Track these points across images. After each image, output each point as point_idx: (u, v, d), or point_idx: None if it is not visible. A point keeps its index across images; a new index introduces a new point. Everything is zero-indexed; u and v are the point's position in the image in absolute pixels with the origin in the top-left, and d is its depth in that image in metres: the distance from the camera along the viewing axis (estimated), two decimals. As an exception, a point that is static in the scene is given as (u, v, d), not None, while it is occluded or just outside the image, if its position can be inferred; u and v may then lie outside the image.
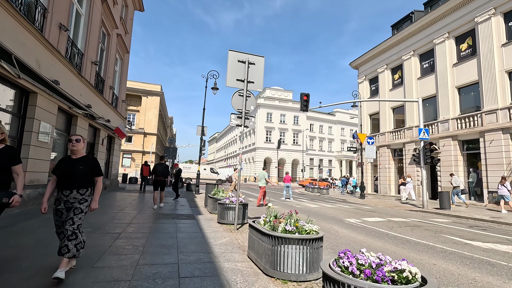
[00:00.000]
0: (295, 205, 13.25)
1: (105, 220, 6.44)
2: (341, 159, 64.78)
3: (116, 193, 13.22)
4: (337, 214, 10.47)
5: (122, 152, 42.19)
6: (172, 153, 19.75)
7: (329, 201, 16.87)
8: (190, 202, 11.43)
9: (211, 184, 10.15)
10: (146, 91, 45.18)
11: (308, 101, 17.25)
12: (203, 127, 16.23)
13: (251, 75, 6.47)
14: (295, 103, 58.36)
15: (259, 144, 54.38)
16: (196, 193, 15.59)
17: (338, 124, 66.53)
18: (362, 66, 24.97)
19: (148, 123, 44.86)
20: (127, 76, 18.35)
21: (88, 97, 11.25)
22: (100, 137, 13.48)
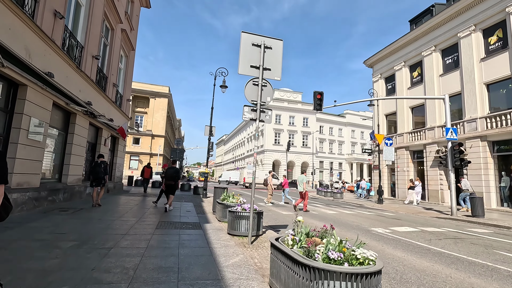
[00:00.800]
0: (311, 211, 12.17)
1: (97, 230, 5.54)
2: (351, 162, 63.18)
3: (118, 197, 12.41)
4: (359, 222, 9.37)
5: (129, 154, 41.82)
6: (179, 155, 18.93)
7: (346, 206, 15.72)
8: (197, 207, 10.50)
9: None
10: (154, 92, 44.81)
11: (322, 100, 16.25)
12: (211, 127, 15.35)
13: (267, 61, 5.51)
14: (305, 105, 57.25)
15: (268, 146, 53.39)
16: (204, 197, 14.68)
17: (349, 126, 65.02)
18: (377, 64, 23.76)
19: (155, 125, 44.41)
20: (133, 74, 17.67)
21: (89, 93, 10.49)
22: (103, 137, 12.71)
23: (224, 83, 15.74)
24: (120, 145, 15.85)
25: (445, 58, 18.00)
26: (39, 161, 7.52)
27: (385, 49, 22.49)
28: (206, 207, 10.82)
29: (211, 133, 15.41)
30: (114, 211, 8.27)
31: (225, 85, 15.71)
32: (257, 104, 5.39)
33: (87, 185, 11.22)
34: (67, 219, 6.42)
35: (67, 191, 9.32)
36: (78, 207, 8.36)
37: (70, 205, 8.76)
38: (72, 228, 5.59)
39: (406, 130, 20.31)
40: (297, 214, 3.53)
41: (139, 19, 17.96)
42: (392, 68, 21.98)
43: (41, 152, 7.58)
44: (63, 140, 9.48)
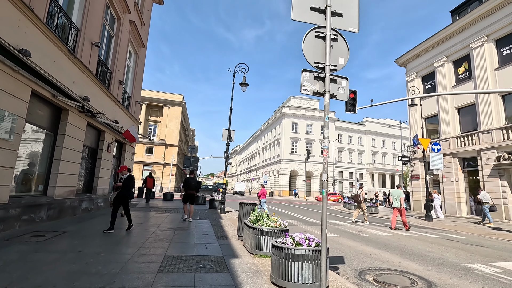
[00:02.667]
0: (356, 231, 9.72)
1: (62, 276, 3.43)
2: (372, 172, 59.69)
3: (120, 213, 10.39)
4: (436, 251, 6.87)
5: (142, 164, 40.46)
6: (193, 164, 16.95)
7: (396, 225, 13.09)
8: (215, 228, 8.30)
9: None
10: (168, 101, 43.72)
11: (355, 99, 13.94)
12: (230, 130, 13.31)
13: (336, 1, 3.38)
14: (322, 112, 54.78)
15: (284, 156, 50.99)
16: (222, 212, 12.48)
17: (369, 134, 61.81)
18: (412, 62, 21.28)
19: (169, 134, 43.10)
20: (143, 74, 16.02)
21: (86, 87, 8.67)
22: (105, 141, 10.85)
23: (244, 80, 13.77)
24: (127, 152, 14.00)
25: (502, 49, 15.38)
26: (7, 168, 5.58)
27: (422, 44, 20.05)
28: (226, 227, 8.59)
29: (230, 138, 13.34)
30: (107, 235, 6.19)
31: (245, 83, 13.73)
32: (324, 68, 3.22)
33: (84, 198, 9.28)
34: (29, 253, 4.35)
35: (53, 207, 7.36)
36: (62, 229, 6.34)
37: (54, 225, 6.76)
38: (24, 271, 3.50)
39: (452, 134, 17.56)
40: None
41: (151, 14, 16.45)
42: (432, 65, 19.45)
43: (10, 156, 5.65)
44: (51, 143, 7.60)
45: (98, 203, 10.43)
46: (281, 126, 52.47)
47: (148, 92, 43.03)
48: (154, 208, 13.00)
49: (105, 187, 11.21)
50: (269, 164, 58.14)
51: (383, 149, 62.75)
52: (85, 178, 9.99)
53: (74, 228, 6.60)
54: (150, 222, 8.34)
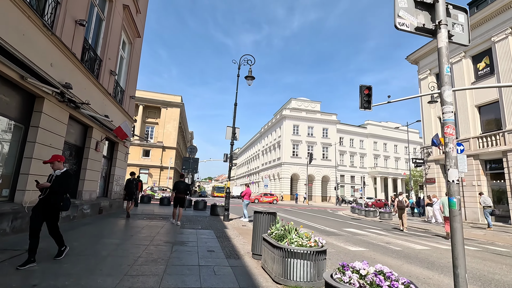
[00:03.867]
0: (384, 243, 8.34)
1: None
2: (374, 176, 58.37)
3: (110, 221, 8.95)
4: (502, 273, 5.51)
5: (139, 167, 38.91)
6: (193, 166, 15.53)
7: (417, 234, 11.73)
8: (222, 241, 6.88)
9: (266, 211, 5.51)
10: (166, 102, 42.35)
11: (370, 95, 12.83)
12: (235, 128, 11.95)
13: None
14: (324, 115, 53.68)
15: (285, 159, 49.63)
16: (226, 220, 11.05)
17: (370, 137, 60.61)
18: (425, 59, 20.10)
19: (167, 136, 41.67)
20: (139, 67, 14.66)
21: (68, 73, 7.29)
22: (92, 138, 9.44)
23: (250, 73, 12.45)
24: (119, 152, 12.58)
25: (528, 41, 14.21)
26: (-51, 166, 4.17)
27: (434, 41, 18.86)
28: (235, 239, 7.18)
29: (234, 136, 11.97)
30: (84, 254, 4.77)
31: (251, 76, 12.40)
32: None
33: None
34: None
35: (21, 217, 5.92)
36: (26, 246, 4.91)
37: (18, 241, 5.32)
38: None
39: (473, 134, 16.29)
40: None
41: (147, 3, 15.13)
42: (447, 60, 18.26)
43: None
44: (20, 137, 6.19)
45: (84, 209, 8.99)
46: (282, 129, 51.20)
47: (145, 92, 41.66)
48: (149, 215, 11.55)
49: (92, 191, 9.77)
50: (269, 167, 56.73)
51: (385, 153, 61.59)
52: (68, 181, 8.55)
53: (42, 245, 5.16)
54: (142, 234, 6.90)
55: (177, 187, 9.45)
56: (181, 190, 9.41)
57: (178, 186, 9.45)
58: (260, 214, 5.27)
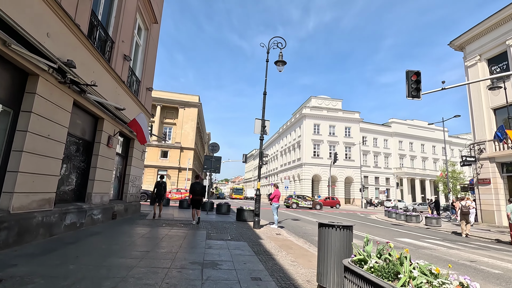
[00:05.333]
0: (463, 260, 6.43)
1: None
2: (401, 177, 55.11)
3: (120, 229, 7.55)
4: None
5: (157, 168, 38.16)
6: (215, 165, 14.05)
7: (483, 243, 9.65)
8: (262, 257, 5.26)
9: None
10: (183, 102, 41.49)
11: (419, 82, 10.98)
12: (264, 120, 10.34)
13: None
14: (346, 113, 51.22)
15: (306, 160, 47.59)
16: (256, 227, 9.43)
17: (395, 136, 57.38)
18: (474, 43, 17.71)
19: (185, 137, 40.74)
20: (156, 58, 13.38)
21: (70, 48, 5.94)
22: (104, 132, 8.11)
23: (281, 57, 10.83)
24: (135, 150, 11.27)
25: None
26: None
27: (488, 20, 16.51)
28: (278, 256, 5.53)
29: (264, 130, 10.35)
30: (79, 286, 3.26)
31: (282, 60, 10.77)
32: None
33: (70, 210, 6.50)
34: None
35: (7, 227, 4.55)
36: (9, 267, 3.47)
37: (2, 258, 3.93)
38: None
39: (489, 137, 14.45)
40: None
41: (164, -12, 13.86)
42: (503, 43, 15.85)
43: None
44: (7, 125, 4.85)
45: (93, 215, 7.65)
46: (302, 128, 49.21)
47: (162, 93, 41.00)
48: (169, 220, 10.13)
49: (104, 194, 8.44)
50: (289, 168, 54.83)
51: (411, 152, 58.18)
52: (75, 182, 7.23)
53: (30, 268, 3.71)
54: (162, 249, 5.39)
55: (193, 189, 9.53)
56: (197, 192, 9.50)
57: (194, 189, 9.52)
58: (329, 229, 3.58)
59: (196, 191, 9.50)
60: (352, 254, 3.10)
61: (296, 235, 9.32)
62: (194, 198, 9.44)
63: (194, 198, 9.44)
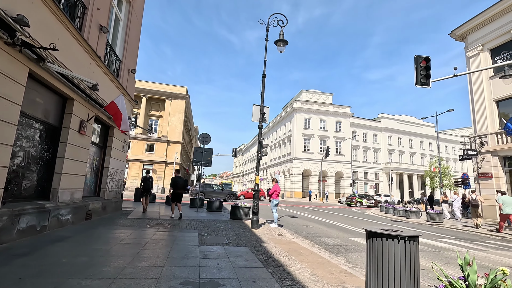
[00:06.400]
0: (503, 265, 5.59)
1: None
2: (389, 172, 55.33)
3: (97, 233, 6.24)
4: None
5: (142, 162, 36.38)
6: (206, 158, 12.80)
7: (495, 242, 8.92)
8: (273, 270, 4.15)
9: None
10: (170, 94, 39.68)
11: (429, 68, 10.17)
12: (263, 106, 9.16)
13: None
14: (337, 107, 50.67)
15: (296, 154, 46.85)
16: (255, 226, 8.30)
17: (384, 131, 57.51)
18: (476, 32, 17.06)
19: (172, 130, 39.03)
20: (139, 38, 11.91)
21: (21, 0, 4.56)
22: (74, 115, 6.72)
23: (281, 37, 9.64)
24: (116, 140, 9.87)
25: None
26: None
27: (491, 8, 15.86)
28: (292, 267, 4.41)
29: (263, 117, 9.17)
30: None
31: (283, 40, 9.58)
32: None
33: (26, 210, 5.16)
34: None
35: None
36: None
37: None
38: None
39: (491, 130, 14.51)
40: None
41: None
42: (508, 32, 15.23)
43: None
44: None
45: (60, 216, 6.30)
46: (293, 122, 48.33)
47: (148, 83, 39.05)
48: (154, 219, 8.86)
49: (75, 190, 7.08)
50: (279, 163, 54.00)
51: (400, 147, 58.56)
52: (35, 175, 5.85)
53: None
54: (143, 262, 4.15)
55: (175, 183, 9.38)
56: (179, 186, 9.44)
57: (176, 182, 9.39)
58: (386, 241, 2.47)
59: (179, 185, 9.40)
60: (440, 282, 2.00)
61: (299, 236, 8.27)
62: (176, 192, 9.37)
63: (176, 192, 9.37)
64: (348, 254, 6.19)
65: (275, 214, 9.38)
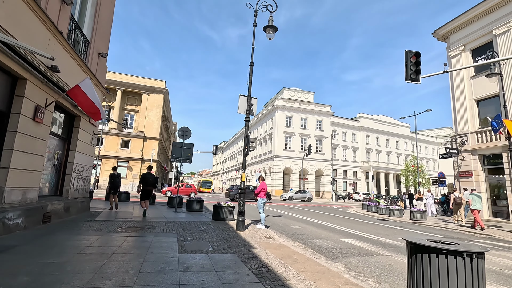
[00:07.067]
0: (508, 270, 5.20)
1: None
2: (367, 170, 56.65)
3: (52, 241, 5.21)
4: None
5: (117, 159, 34.38)
6: (185, 154, 11.83)
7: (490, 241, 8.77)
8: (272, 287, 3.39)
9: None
10: (148, 87, 37.82)
11: (419, 63, 9.91)
12: (250, 97, 8.39)
13: None
14: (318, 106, 50.88)
15: (278, 152, 46.53)
16: (241, 228, 7.53)
17: (363, 130, 58.76)
18: (458, 32, 17.26)
19: (149, 126, 37.21)
20: (112, 20, 10.70)
21: None
22: (27, 99, 5.59)
23: (271, 22, 8.91)
24: (83, 131, 8.69)
25: None
26: None
27: (474, 9, 16.07)
28: (292, 280, 3.71)
29: (250, 109, 8.40)
30: None
31: (272, 26, 8.86)
32: None
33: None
34: None
35: None
36: None
37: None
38: None
39: (471, 129, 15.21)
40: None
41: None
42: (490, 32, 15.47)
43: None
44: None
45: (7, 220, 5.20)
46: (274, 120, 47.93)
47: (123, 76, 36.99)
48: (126, 221, 7.84)
49: (29, 188, 5.95)
50: (260, 161, 53.50)
51: (377, 147, 60.09)
52: (-27, 170, 4.72)
53: None
54: (106, 281, 3.26)
55: (145, 179, 9.17)
56: (149, 183, 9.21)
57: (146, 179, 9.18)
58: (443, 258, 1.80)
59: (149, 181, 9.16)
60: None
61: (289, 238, 7.62)
62: (145, 189, 9.13)
63: (145, 188, 9.13)
64: (346, 259, 5.60)
65: (262, 214, 8.67)
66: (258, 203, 8.74)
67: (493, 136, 14.74)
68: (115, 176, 10.64)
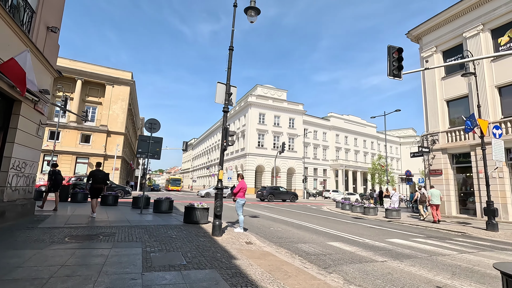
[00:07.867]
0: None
1: None
2: (336, 169, 58.20)
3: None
4: None
5: (75, 155, 31.42)
6: (153, 149, 10.57)
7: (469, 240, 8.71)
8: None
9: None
10: (112, 78, 35.07)
11: (401, 59, 9.60)
12: (230, 85, 7.46)
13: None
14: (291, 104, 51.00)
15: (250, 150, 45.86)
16: (217, 234, 6.60)
17: (333, 130, 60.18)
18: (431, 34, 17.66)
19: (113, 119, 34.54)
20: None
21: None
22: None
23: (253, 4, 8.03)
24: (25, 119, 7.17)
25: None
26: None
27: (446, 11, 16.47)
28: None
29: (229, 98, 7.47)
30: None
31: (255, 7, 7.99)
32: None
33: None
34: None
35: None
36: None
37: None
38: None
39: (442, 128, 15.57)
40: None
41: None
42: (460, 35, 15.92)
43: None
44: None
45: None
46: (247, 117, 47.15)
47: (85, 64, 33.91)
48: (78, 227, 6.54)
49: None
50: (232, 158, 52.43)
51: (346, 145, 61.87)
52: None
53: None
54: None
55: (94, 176, 8.71)
56: (99, 180, 8.79)
57: (95, 176, 8.74)
58: None
59: (98, 178, 8.72)
60: None
61: (271, 242, 6.84)
62: (95, 187, 8.63)
63: (95, 186, 8.63)
64: (340, 267, 4.94)
65: (241, 216, 7.82)
66: (237, 204, 7.87)
67: (462, 135, 15.22)
68: (56, 173, 10.06)
